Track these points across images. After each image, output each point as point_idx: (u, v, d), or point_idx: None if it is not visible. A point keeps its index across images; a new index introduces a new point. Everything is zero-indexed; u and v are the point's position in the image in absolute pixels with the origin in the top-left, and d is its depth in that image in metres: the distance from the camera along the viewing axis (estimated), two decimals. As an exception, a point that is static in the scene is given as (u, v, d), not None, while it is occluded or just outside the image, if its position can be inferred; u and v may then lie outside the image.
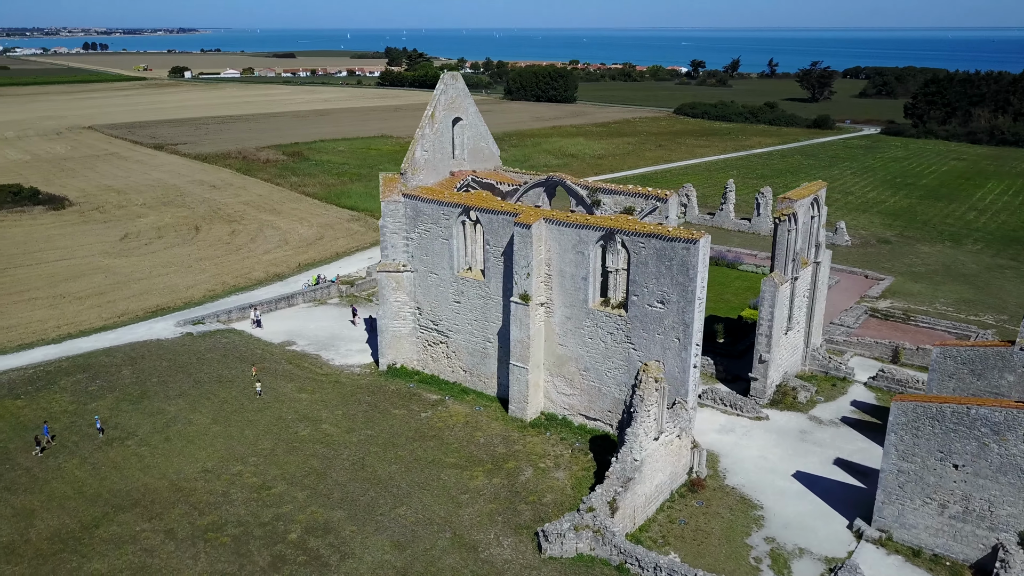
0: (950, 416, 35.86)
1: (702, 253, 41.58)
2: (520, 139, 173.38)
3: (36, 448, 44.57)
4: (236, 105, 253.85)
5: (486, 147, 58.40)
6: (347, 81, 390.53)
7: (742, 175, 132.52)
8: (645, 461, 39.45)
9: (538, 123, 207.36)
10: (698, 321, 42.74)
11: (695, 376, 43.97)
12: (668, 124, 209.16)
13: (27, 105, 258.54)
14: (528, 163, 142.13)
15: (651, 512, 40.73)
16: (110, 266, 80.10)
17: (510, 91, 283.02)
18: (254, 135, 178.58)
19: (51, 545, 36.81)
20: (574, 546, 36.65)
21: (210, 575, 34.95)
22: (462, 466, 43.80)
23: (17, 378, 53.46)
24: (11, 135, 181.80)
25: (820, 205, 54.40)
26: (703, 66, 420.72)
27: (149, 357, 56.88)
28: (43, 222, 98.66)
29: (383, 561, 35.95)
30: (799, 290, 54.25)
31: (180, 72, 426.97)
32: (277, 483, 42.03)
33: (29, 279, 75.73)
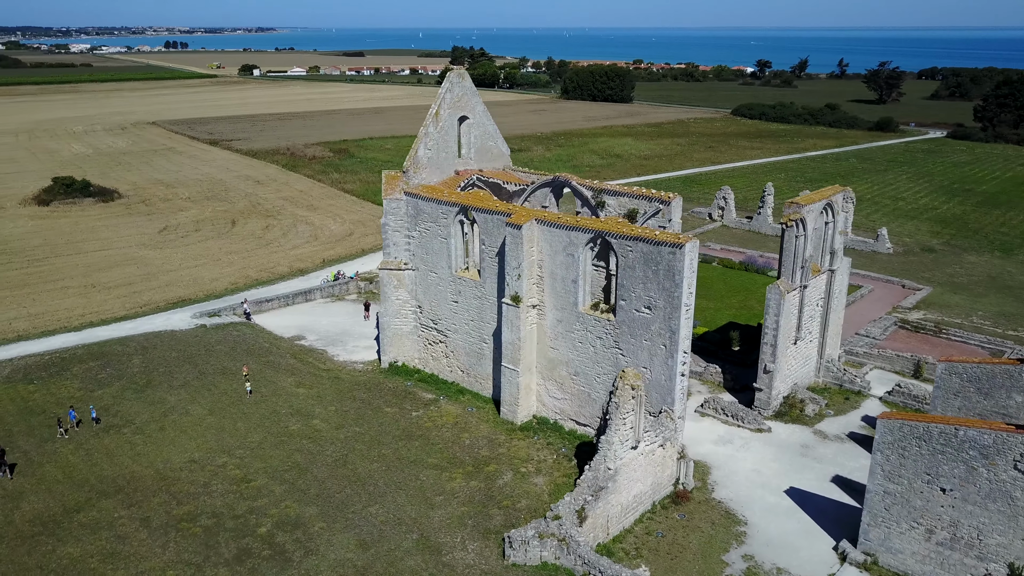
0: (937, 437, 33.88)
1: (688, 258, 40.28)
2: (568, 139, 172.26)
3: (60, 430, 46.06)
4: (296, 102, 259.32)
5: (494, 146, 57.92)
6: (408, 80, 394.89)
7: (790, 178, 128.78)
8: (620, 470, 38.45)
9: (590, 123, 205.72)
10: (685, 328, 41.43)
11: (682, 384, 42.66)
12: (723, 125, 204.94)
13: (101, 101, 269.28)
14: (571, 163, 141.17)
15: (629, 523, 39.70)
16: (144, 257, 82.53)
17: (567, 91, 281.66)
18: (307, 132, 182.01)
19: (32, 527, 37.92)
20: (538, 554, 35.93)
21: (175, 564, 35.45)
22: (442, 467, 43.49)
23: (34, 364, 55.41)
24: (79, 129, 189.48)
25: (836, 211, 52.23)
26: (769, 66, 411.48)
27: (160, 347, 58.28)
28: (90, 214, 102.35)
29: (345, 559, 35.89)
30: (810, 299, 52.20)
31: (250, 70, 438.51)
32: (258, 476, 42.45)
33: (66, 268, 78.59)
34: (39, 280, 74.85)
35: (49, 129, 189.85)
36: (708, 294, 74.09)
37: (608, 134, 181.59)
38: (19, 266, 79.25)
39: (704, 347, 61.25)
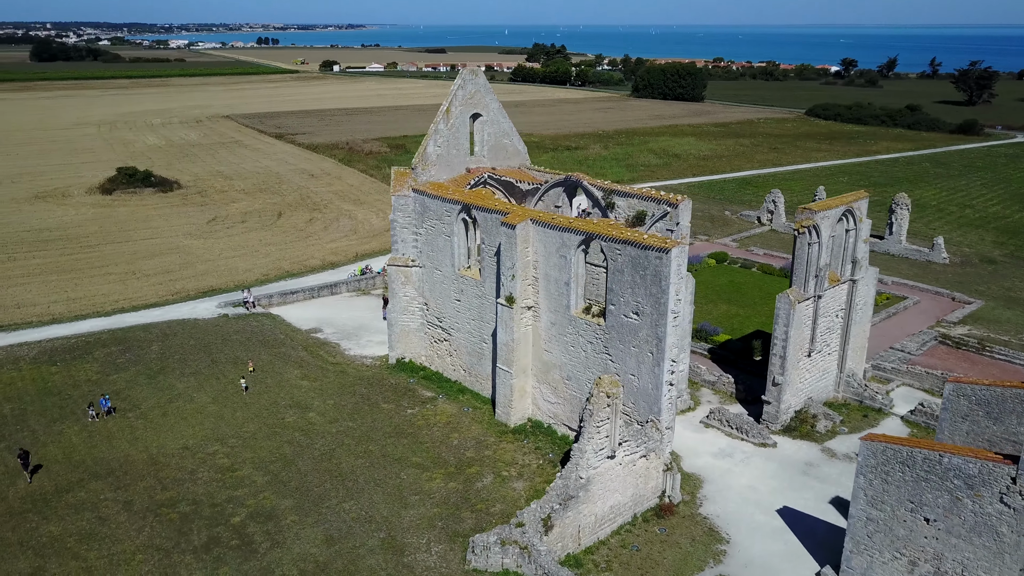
0: (921, 463, 31.67)
1: (675, 264, 38.82)
2: (629, 137, 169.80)
3: (91, 413, 47.56)
4: (367, 98, 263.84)
5: (510, 144, 57.26)
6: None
7: (852, 182, 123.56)
8: (594, 480, 37.38)
9: (655, 121, 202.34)
10: (672, 336, 39.97)
11: (669, 394, 41.18)
12: (794, 126, 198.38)
13: (186, 94, 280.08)
14: (627, 162, 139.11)
15: (605, 534, 38.60)
16: (187, 247, 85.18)
17: (637, 89, 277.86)
18: (371, 127, 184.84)
19: (22, 504, 39.42)
20: (500, 561, 35.25)
21: (145, 549, 36.25)
22: (425, 466, 43.23)
23: (60, 346, 57.77)
24: (157, 122, 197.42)
25: (857, 218, 49.55)
26: (854, 65, 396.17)
27: (180, 335, 59.94)
28: (148, 203, 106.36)
29: (308, 554, 36.02)
30: (827, 309, 49.73)
31: (330, 66, 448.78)
32: (244, 466, 43.08)
33: (113, 255, 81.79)
34: (86, 266, 78.12)
35: (130, 121, 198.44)
36: (742, 300, 71.74)
37: (671, 133, 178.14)
38: (71, 252, 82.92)
39: (724, 356, 59.32)
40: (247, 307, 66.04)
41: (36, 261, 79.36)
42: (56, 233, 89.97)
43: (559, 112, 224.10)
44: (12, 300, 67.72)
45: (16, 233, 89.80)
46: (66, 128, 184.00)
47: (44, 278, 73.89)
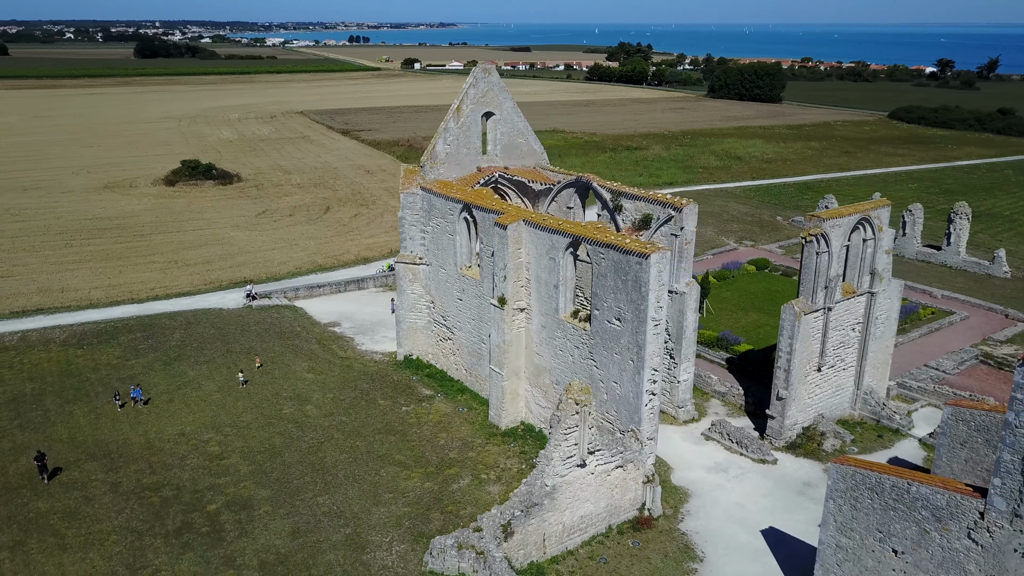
0: (890, 491, 29.71)
1: (655, 270, 37.56)
2: (694, 138, 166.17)
3: (116, 402, 48.79)
4: (440, 95, 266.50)
5: (524, 143, 56.68)
6: (557, 75, 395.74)
7: (923, 189, 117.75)
8: (561, 488, 36.55)
9: (726, 122, 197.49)
10: (652, 344, 38.71)
11: (650, 403, 39.92)
12: (872, 129, 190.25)
13: (268, 90, 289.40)
14: (686, 163, 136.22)
15: (574, 544, 37.73)
16: (231, 239, 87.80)
17: (713, 89, 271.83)
18: (435, 124, 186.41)
19: (19, 480, 41.28)
20: (456, 564, 34.89)
21: (120, 530, 37.40)
22: (406, 465, 43.21)
23: (90, 330, 60.35)
24: (234, 117, 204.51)
25: (875, 227, 46.91)
26: (951, 66, 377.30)
27: (202, 324, 61.75)
28: (205, 195, 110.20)
29: (272, 545, 36.47)
30: (840, 322, 47.34)
31: (411, 64, 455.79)
32: (233, 455, 44.00)
33: (162, 245, 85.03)
34: (134, 254, 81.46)
35: (210, 116, 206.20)
36: (774, 310, 68.76)
37: (739, 135, 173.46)
38: (124, 240, 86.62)
39: (742, 366, 57.25)
40: (249, 299, 67.09)
41: (89, 248, 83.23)
42: (114, 222, 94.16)
43: (628, 112, 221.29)
44: (58, 284, 71.18)
45: (79, 221, 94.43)
46: (150, 122, 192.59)
47: (92, 264, 77.41)
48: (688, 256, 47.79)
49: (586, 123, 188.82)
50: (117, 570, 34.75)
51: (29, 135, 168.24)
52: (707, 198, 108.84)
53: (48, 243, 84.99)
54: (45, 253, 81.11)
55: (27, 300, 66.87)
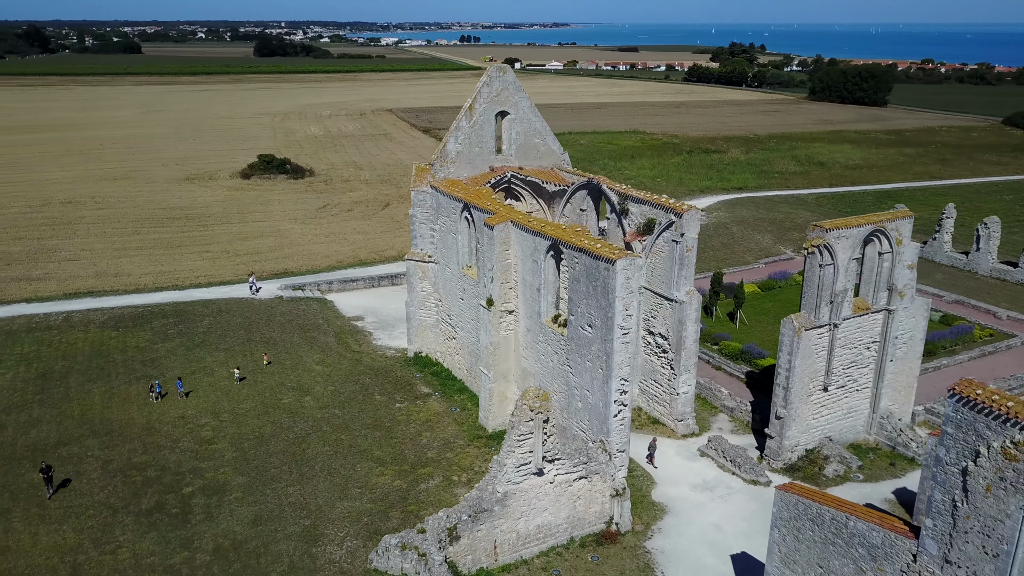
0: (829, 523, 27.64)
1: (622, 277, 36.23)
2: (779, 142, 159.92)
3: (152, 395, 49.32)
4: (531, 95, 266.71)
5: (541, 144, 55.90)
6: (655, 75, 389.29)
7: (1020, 200, 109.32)
8: (514, 496, 35.82)
9: (819, 126, 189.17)
10: (620, 353, 37.37)
11: (619, 414, 38.55)
12: (980, 136, 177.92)
13: (367, 88, 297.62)
14: (762, 168, 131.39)
15: (530, 553, 36.96)
16: (287, 231, 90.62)
17: (814, 91, 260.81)
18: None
19: (23, 451, 43.85)
20: (399, 564, 34.75)
21: (97, 505, 39.14)
22: (383, 462, 43.40)
23: (128, 314, 63.50)
24: (326, 113, 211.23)
25: (893, 240, 43.73)
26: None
27: (231, 313, 63.95)
28: (276, 189, 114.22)
29: (232, 531, 37.33)
30: (850, 340, 44.44)
31: (511, 63, 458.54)
32: (222, 440, 45.34)
33: (219, 235, 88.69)
34: (192, 243, 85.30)
35: (304, 112, 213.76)
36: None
37: (829, 139, 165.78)
38: (187, 230, 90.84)
39: (761, 381, 54.61)
40: (252, 291, 68.46)
41: (153, 236, 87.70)
42: (183, 212, 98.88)
43: (718, 114, 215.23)
44: (115, 269, 75.33)
45: (152, 210, 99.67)
46: (247, 117, 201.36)
47: (151, 252, 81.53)
48: (689, 264, 45.98)
49: (671, 124, 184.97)
50: (83, 543, 36.38)
51: (137, 128, 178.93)
52: (774, 204, 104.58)
53: (118, 230, 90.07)
54: (112, 239, 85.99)
55: (82, 283, 71.06)
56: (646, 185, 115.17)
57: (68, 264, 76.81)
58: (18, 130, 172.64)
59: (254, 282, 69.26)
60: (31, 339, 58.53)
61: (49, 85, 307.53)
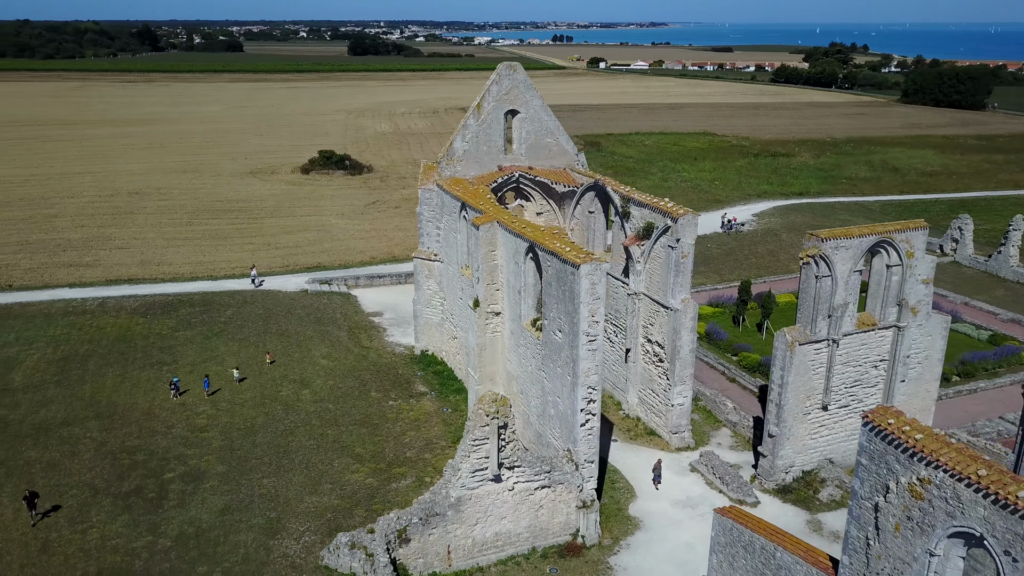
0: (759, 552, 25.97)
1: (587, 282, 35.03)
2: (856, 146, 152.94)
3: (172, 391, 49.41)
4: (604, 95, 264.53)
5: (553, 143, 54.89)
6: (739, 76, 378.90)
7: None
8: (468, 501, 35.21)
9: (904, 130, 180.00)
10: (586, 360, 36.19)
11: (587, 423, 37.33)
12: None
13: (446, 86, 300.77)
14: (831, 174, 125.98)
15: (487, 560, 36.37)
16: (330, 226, 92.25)
17: (906, 93, 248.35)
18: (586, 123, 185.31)
19: (30, 430, 45.85)
20: (348, 563, 34.60)
21: (83, 485, 40.52)
22: (361, 459, 43.44)
23: (158, 302, 65.80)
24: (401, 111, 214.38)
25: (902, 252, 40.86)
26: None
27: (254, 304, 65.42)
28: (332, 184, 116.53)
29: (198, 519, 38.02)
30: (854, 357, 41.86)
31: (596, 63, 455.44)
32: (214, 429, 46.33)
33: (266, 228, 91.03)
34: (238, 234, 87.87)
35: (378, 110, 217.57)
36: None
37: (910, 144, 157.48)
38: (237, 222, 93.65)
39: (775, 396, 52.10)
40: (254, 283, 69.84)
41: (204, 227, 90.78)
42: (238, 205, 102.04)
43: (797, 116, 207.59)
44: (160, 258, 78.30)
45: (210, 202, 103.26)
46: (323, 114, 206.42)
47: (198, 242, 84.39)
48: (685, 271, 44.26)
49: (745, 127, 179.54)
50: (59, 522, 37.73)
51: (220, 123, 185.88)
52: (833, 211, 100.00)
53: (174, 220, 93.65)
54: (165, 229, 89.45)
55: (126, 271, 74.15)
56: (702, 188, 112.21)
57: (118, 252, 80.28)
58: (111, 123, 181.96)
59: (256, 275, 70.64)
60: (65, 322, 61.35)
61: (150, 82, 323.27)
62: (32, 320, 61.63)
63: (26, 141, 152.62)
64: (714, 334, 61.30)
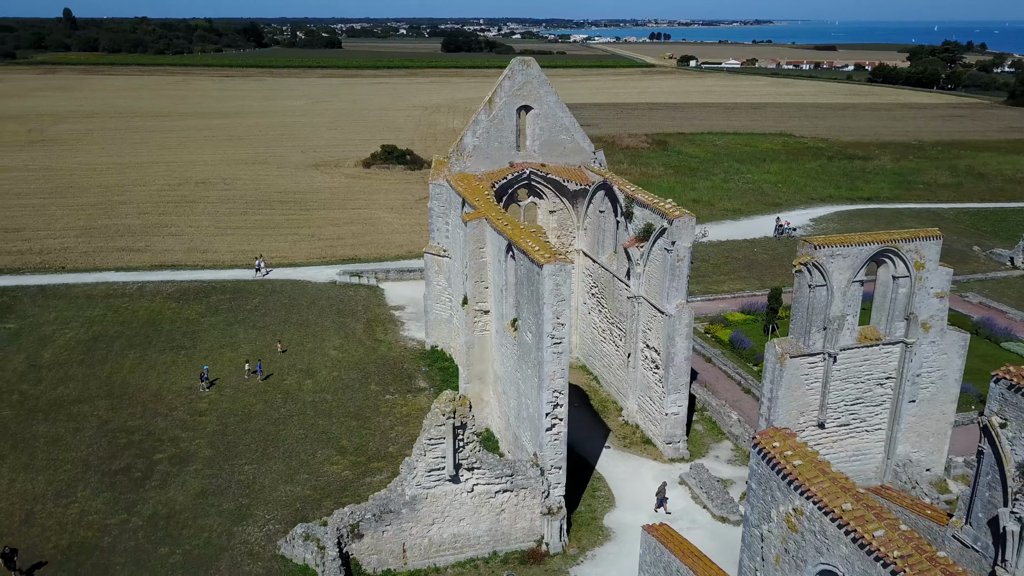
0: (675, 574, 24.48)
1: (551, 282, 34.01)
2: (942, 150, 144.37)
3: (202, 383, 50.09)
4: (689, 93, 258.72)
5: (568, 140, 53.76)
6: (835, 75, 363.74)
7: None
8: (423, 500, 34.79)
9: (1003, 134, 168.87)
10: (551, 364, 35.14)
11: (553, 428, 36.27)
12: None
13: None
14: (908, 177, 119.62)
15: (445, 562, 35.90)
16: (376, 219, 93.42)
17: (1013, 95, 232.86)
18: (657, 122, 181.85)
19: (44, 404, 48.07)
20: (302, 554, 34.82)
21: (77, 461, 42.16)
22: (344, 451, 43.65)
23: (193, 288, 68.03)
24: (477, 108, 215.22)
25: (910, 263, 38.02)
26: None
27: (281, 294, 66.83)
28: (389, 178, 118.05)
29: (173, 500, 38.96)
30: (855, 374, 39.29)
31: (687, 61, 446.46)
32: (212, 413, 47.47)
33: (316, 220, 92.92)
34: (288, 225, 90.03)
35: (454, 106, 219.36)
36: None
37: (1006, 149, 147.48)
38: (290, 213, 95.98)
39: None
40: (257, 272, 70.98)
41: (257, 217, 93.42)
42: (295, 196, 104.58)
43: (887, 117, 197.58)
44: (206, 246, 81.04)
45: (268, 192, 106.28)
46: (400, 110, 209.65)
47: (247, 232, 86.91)
48: (680, 275, 42.52)
49: (826, 128, 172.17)
50: (47, 493, 39.38)
51: (300, 117, 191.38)
52: (900, 219, 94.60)
53: (231, 210, 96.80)
54: (220, 218, 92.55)
55: (172, 256, 77.08)
56: (763, 190, 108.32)
57: (170, 239, 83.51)
58: (199, 116, 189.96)
59: (260, 264, 71.96)
60: (103, 304, 64.20)
61: (247, 77, 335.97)
62: (74, 301, 64.75)
63: (119, 131, 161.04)
64: (738, 342, 58.86)
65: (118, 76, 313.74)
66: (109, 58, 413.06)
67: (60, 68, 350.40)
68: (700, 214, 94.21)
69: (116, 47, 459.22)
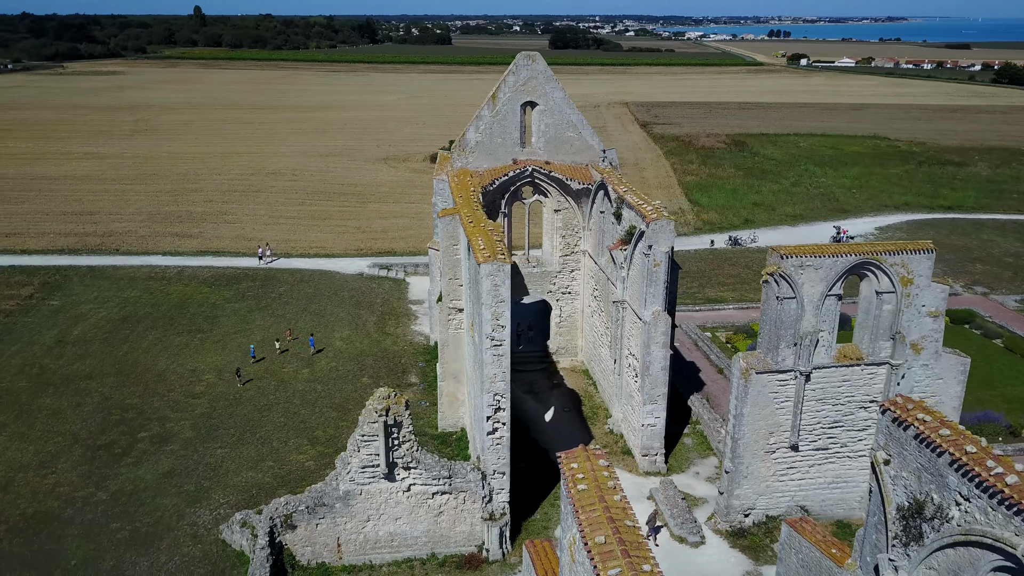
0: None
1: (487, 282, 33.09)
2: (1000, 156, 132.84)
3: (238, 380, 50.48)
4: (788, 93, 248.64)
5: (576, 138, 52.39)
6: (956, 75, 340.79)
7: None
8: (357, 496, 34.68)
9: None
10: (491, 366, 34.23)
11: (495, 432, 35.31)
12: None
13: (628, 80, 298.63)
14: (1003, 186, 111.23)
15: (382, 559, 35.75)
16: (421, 213, 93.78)
17: None
18: (744, 121, 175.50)
19: (57, 379, 50.83)
20: (239, 540, 35.36)
21: (70, 434, 44.28)
22: (316, 441, 44.08)
23: (227, 275, 70.43)
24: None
25: (895, 278, 34.92)
26: None
27: (308, 284, 68.27)
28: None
29: (141, 479, 40.34)
30: (831, 395, 36.51)
31: (797, 59, 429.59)
32: (206, 396, 48.94)
33: (366, 213, 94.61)
34: (338, 216, 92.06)
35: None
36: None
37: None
38: (344, 205, 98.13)
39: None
40: (261, 259, 72.42)
41: (313, 208, 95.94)
42: (356, 189, 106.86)
43: (999, 121, 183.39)
44: (254, 234, 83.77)
45: (332, 184, 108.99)
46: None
47: (297, 221, 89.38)
48: (657, 281, 40.68)
49: (927, 131, 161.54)
50: (31, 464, 41.56)
51: (388, 111, 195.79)
52: (977, 230, 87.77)
53: (291, 200, 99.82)
54: (279, 208, 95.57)
55: (218, 243, 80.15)
56: (833, 195, 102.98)
57: (224, 226, 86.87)
58: (293, 109, 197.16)
59: (263, 252, 73.49)
60: (142, 286, 67.39)
61: (352, 72, 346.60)
62: (117, 282, 68.26)
63: (216, 123, 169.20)
64: (755, 354, 55.78)
65: (233, 70, 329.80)
66: (229, 53, 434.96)
67: (182, 62, 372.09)
68: (758, 218, 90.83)
69: (238, 43, 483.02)
